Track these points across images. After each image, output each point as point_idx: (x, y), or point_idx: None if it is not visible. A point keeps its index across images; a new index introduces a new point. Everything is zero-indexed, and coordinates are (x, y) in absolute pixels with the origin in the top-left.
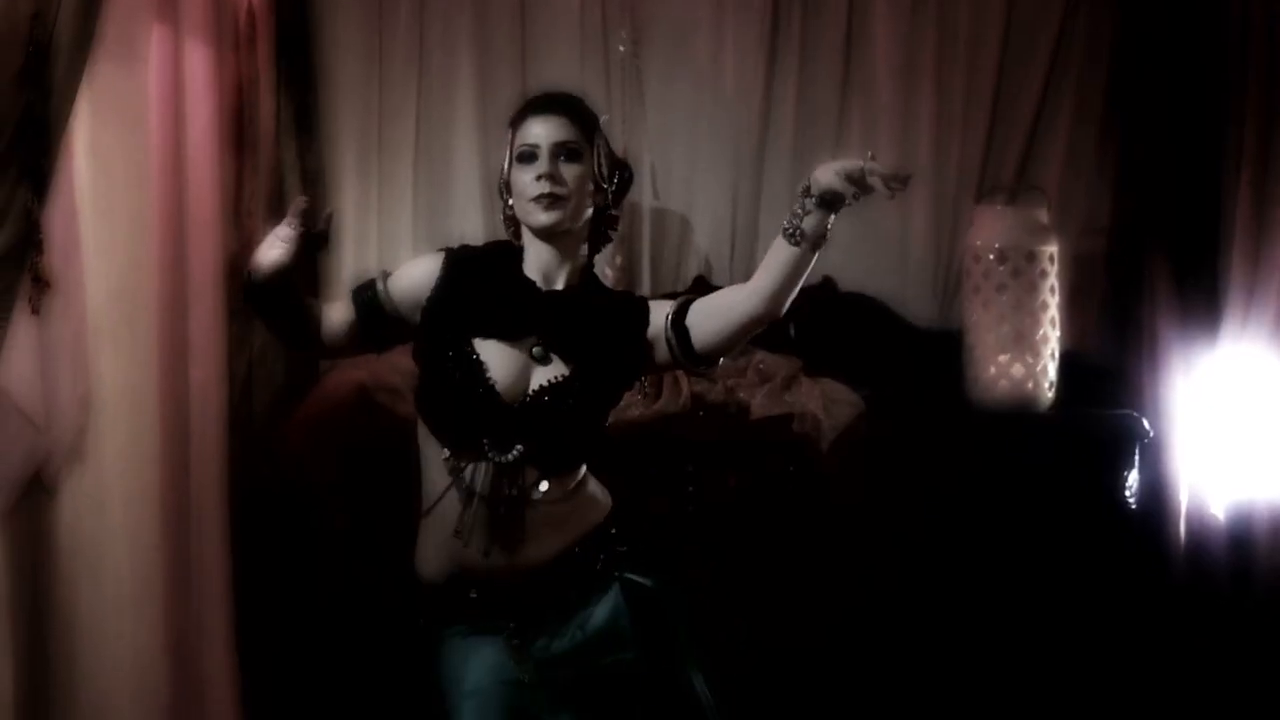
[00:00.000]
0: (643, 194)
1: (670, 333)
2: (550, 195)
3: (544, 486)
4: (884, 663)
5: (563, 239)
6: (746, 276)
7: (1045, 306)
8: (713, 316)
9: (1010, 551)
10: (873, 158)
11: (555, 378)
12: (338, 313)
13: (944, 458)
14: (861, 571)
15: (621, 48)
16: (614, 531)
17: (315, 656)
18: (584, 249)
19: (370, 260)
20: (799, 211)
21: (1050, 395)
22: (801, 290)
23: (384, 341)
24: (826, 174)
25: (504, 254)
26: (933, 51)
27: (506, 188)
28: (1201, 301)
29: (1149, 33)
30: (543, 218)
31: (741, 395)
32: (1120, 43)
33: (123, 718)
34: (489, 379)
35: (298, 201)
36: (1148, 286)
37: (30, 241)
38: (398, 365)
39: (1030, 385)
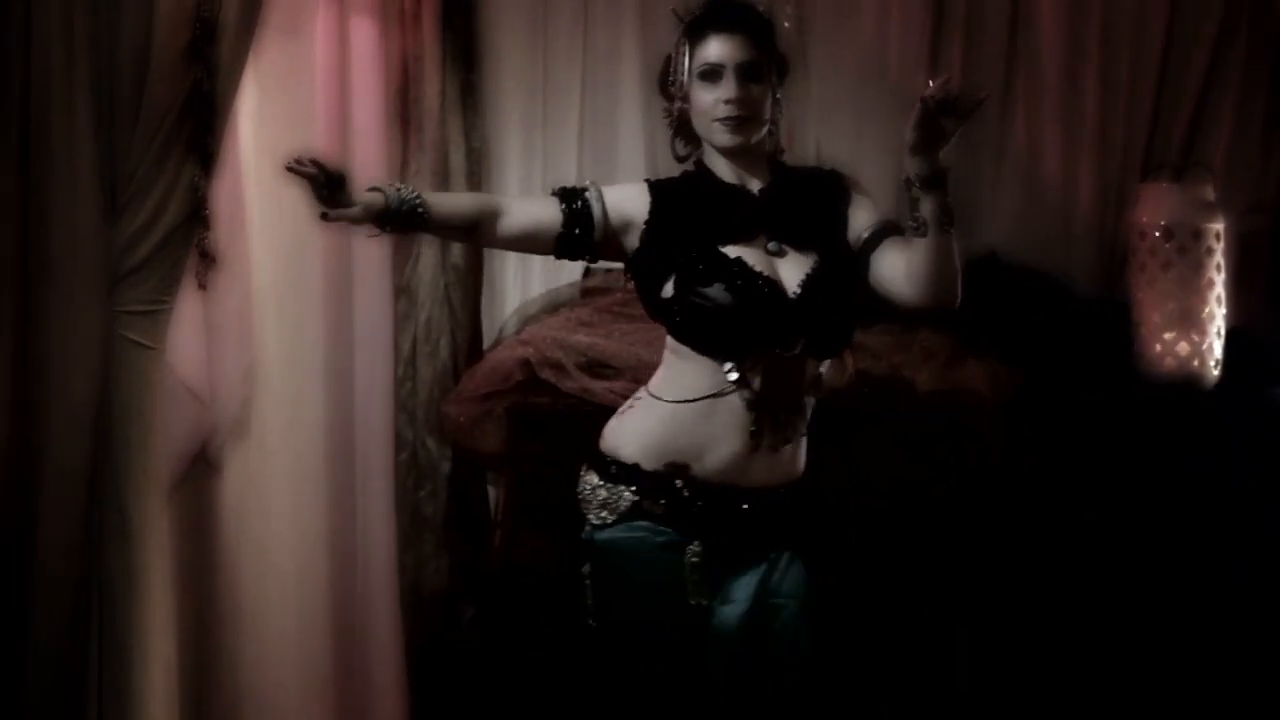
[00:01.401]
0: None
1: (861, 250)
2: (736, 118)
3: (822, 369)
4: (1049, 634)
5: (747, 150)
6: None
7: (1211, 284)
8: (891, 279)
9: (1176, 529)
10: (929, 83)
11: (812, 268)
12: (537, 211)
13: (1109, 435)
14: (1025, 549)
15: (787, 23)
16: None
17: (482, 632)
18: (763, 155)
19: None
20: (912, 201)
21: (1216, 373)
22: (967, 264)
23: (576, 251)
24: (908, 134)
25: (699, 175)
26: (1098, 27)
27: (683, 97)
28: None
29: None
30: (728, 139)
31: (906, 372)
32: None
33: (286, 694)
34: (765, 275)
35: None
36: None
37: (197, 217)
38: (562, 341)
39: (1196, 363)
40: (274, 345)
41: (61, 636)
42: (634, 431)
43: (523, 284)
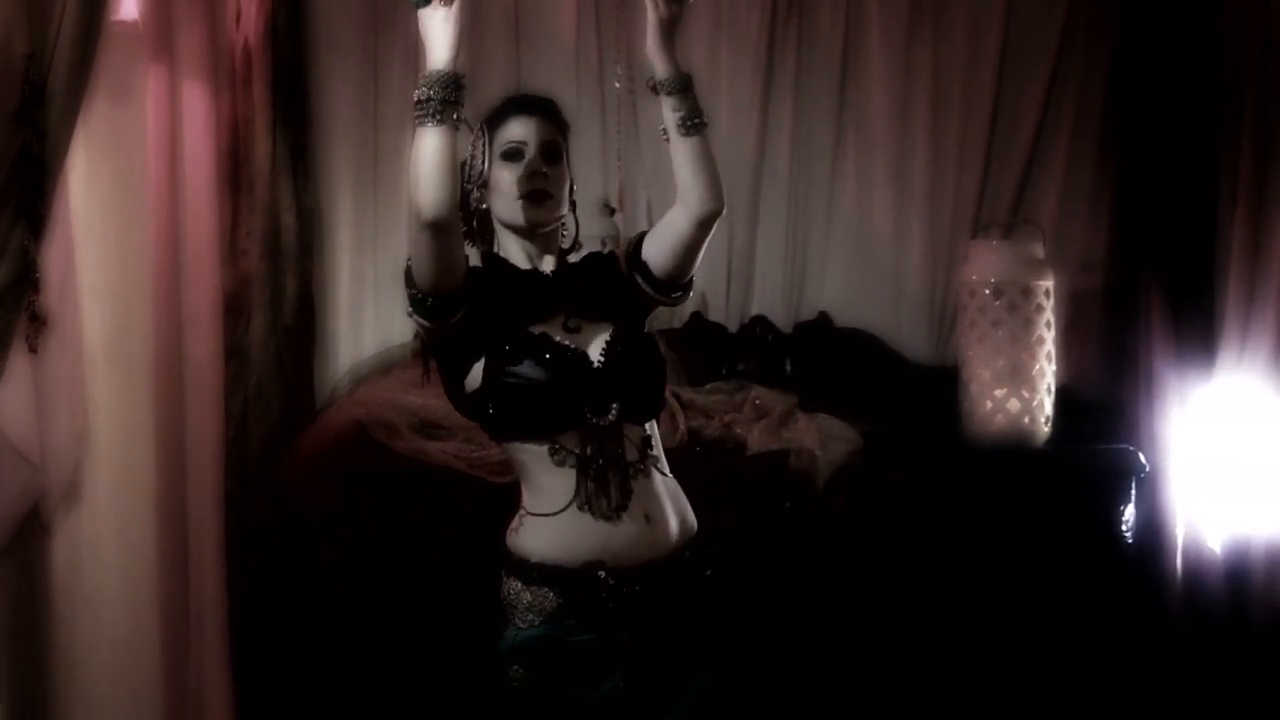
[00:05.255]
0: (638, 229)
1: (634, 271)
2: (541, 191)
3: (649, 432)
4: (881, 697)
5: (544, 234)
6: (743, 313)
7: (1041, 341)
8: (662, 241)
9: (1007, 586)
10: None
11: (610, 335)
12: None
13: (940, 493)
14: (858, 607)
15: (618, 84)
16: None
17: (314, 691)
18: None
19: (367, 299)
20: (668, 111)
21: (1046, 430)
22: (797, 325)
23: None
24: (651, 37)
25: (493, 261)
26: (928, 86)
27: (483, 184)
28: (1197, 335)
29: (1143, 68)
30: (532, 214)
31: (738, 431)
32: (1115, 78)
33: None
34: (571, 347)
35: None
36: (1143, 320)
37: (27, 280)
38: (394, 402)
39: (1026, 420)
40: (104, 408)
41: None
42: (541, 537)
43: (355, 345)
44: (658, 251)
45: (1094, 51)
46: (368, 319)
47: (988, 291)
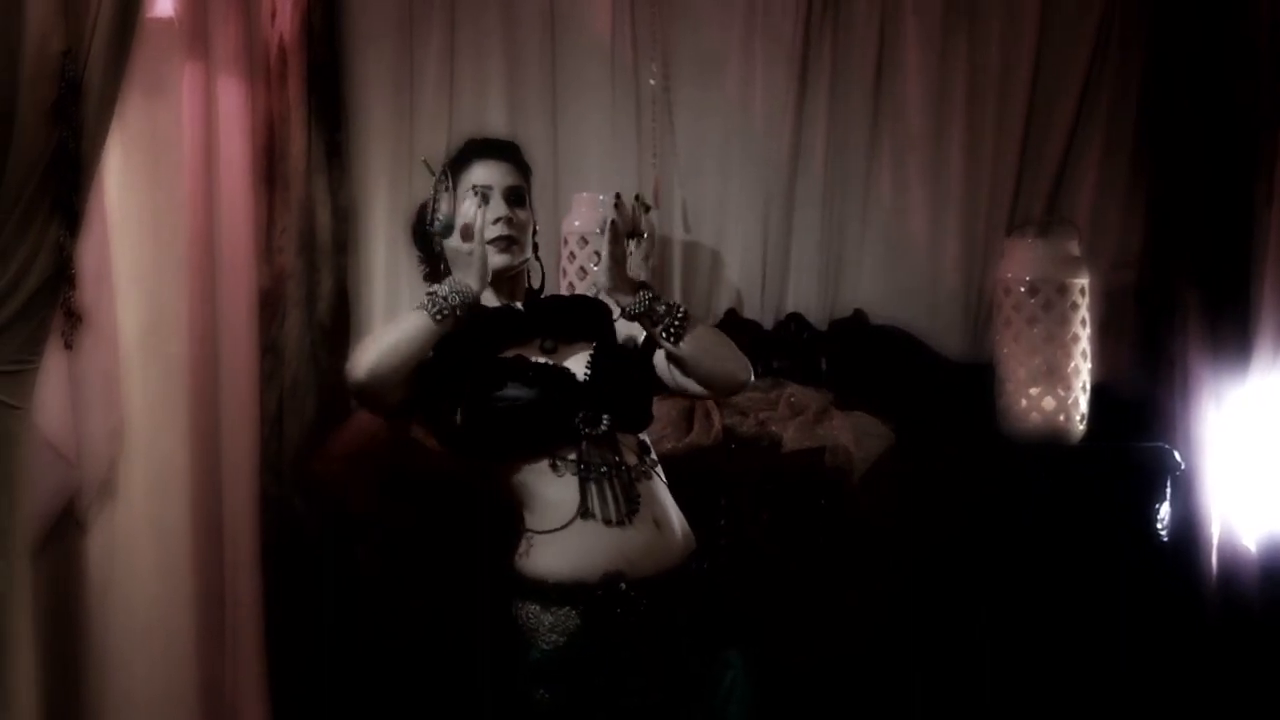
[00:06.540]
0: (674, 228)
1: (640, 355)
2: (507, 237)
3: (644, 438)
4: (915, 696)
5: (510, 279)
6: (778, 310)
7: (1076, 339)
8: (677, 377)
9: (1042, 585)
10: (616, 205)
11: (592, 352)
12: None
13: (975, 491)
14: (893, 605)
15: (652, 81)
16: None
17: (349, 690)
18: (523, 284)
19: (403, 297)
20: (647, 328)
21: (1082, 428)
22: (832, 322)
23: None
24: (603, 277)
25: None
26: (963, 83)
27: (446, 230)
28: (1232, 333)
29: (1179, 65)
30: (498, 259)
31: (773, 429)
32: (1150, 75)
33: None
34: (551, 365)
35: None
36: (1179, 318)
37: (63, 276)
38: None
39: (1062, 418)
40: (140, 404)
41: None
42: (555, 555)
43: None
44: (668, 375)
45: (1129, 49)
46: (405, 307)
47: (1023, 289)
